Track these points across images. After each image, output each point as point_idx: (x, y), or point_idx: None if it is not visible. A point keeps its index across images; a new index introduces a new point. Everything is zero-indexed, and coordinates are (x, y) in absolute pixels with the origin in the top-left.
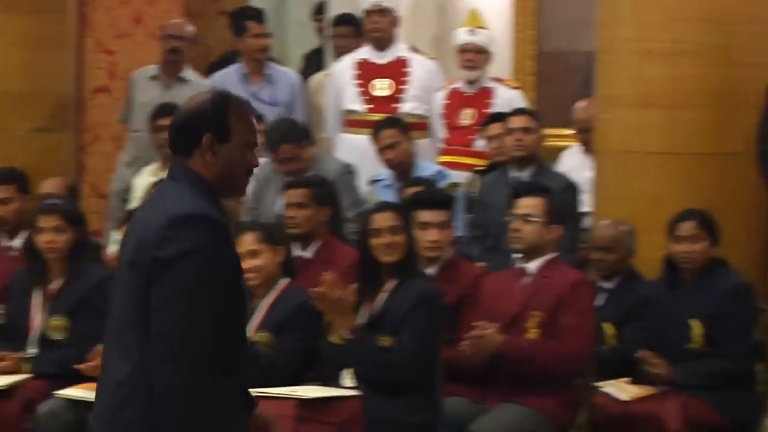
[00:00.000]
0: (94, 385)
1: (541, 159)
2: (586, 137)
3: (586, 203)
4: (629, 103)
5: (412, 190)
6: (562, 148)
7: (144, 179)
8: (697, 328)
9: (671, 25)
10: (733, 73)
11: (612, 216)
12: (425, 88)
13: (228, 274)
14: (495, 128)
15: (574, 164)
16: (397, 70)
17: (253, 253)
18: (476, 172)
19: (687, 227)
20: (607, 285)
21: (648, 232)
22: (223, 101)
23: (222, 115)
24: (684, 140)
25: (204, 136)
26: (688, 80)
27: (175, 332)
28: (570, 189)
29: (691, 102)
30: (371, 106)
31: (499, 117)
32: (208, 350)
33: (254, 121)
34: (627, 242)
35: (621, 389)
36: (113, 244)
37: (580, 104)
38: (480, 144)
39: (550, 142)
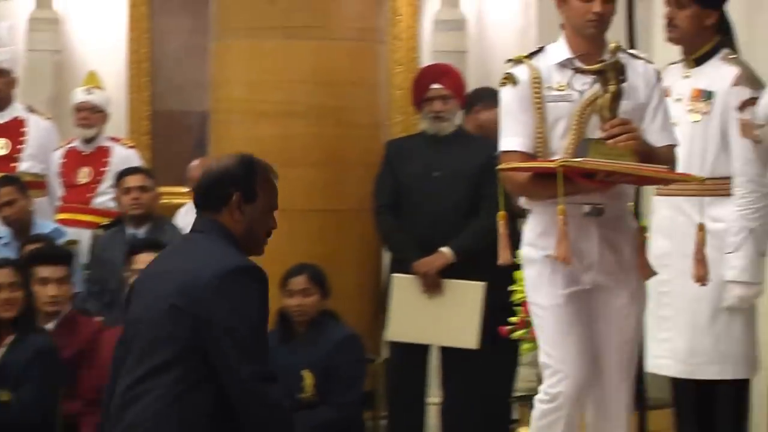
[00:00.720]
0: None
1: (157, 216)
2: None
3: None
4: None
5: (30, 247)
6: (178, 206)
7: None
8: (308, 378)
9: (283, 86)
10: (343, 133)
11: None
12: (42, 147)
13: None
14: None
15: (189, 221)
16: (14, 130)
17: None
18: (102, 227)
19: (298, 281)
20: None
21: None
22: (252, 164)
23: (251, 178)
24: (296, 198)
25: (234, 195)
26: (299, 139)
27: (259, 374)
28: None
29: (302, 161)
30: None
31: (134, 171)
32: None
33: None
34: None
35: None
36: None
37: (194, 163)
38: (99, 201)
39: (166, 200)
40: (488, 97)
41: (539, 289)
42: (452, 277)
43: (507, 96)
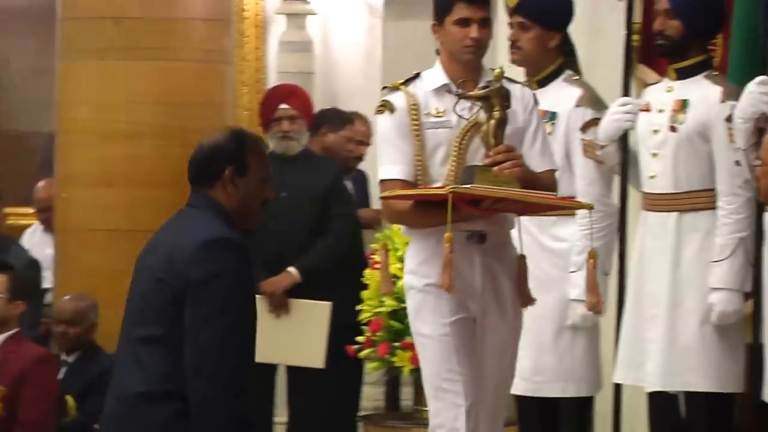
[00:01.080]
0: None
1: (3, 236)
2: (47, 216)
3: (48, 279)
4: (90, 182)
5: None
6: (24, 227)
7: None
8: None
9: (129, 106)
10: (190, 154)
11: (74, 291)
12: None
13: (250, 297)
14: None
15: (36, 242)
16: None
17: None
18: None
19: None
20: (69, 358)
21: (109, 307)
22: (242, 138)
23: (241, 151)
24: (143, 218)
25: (225, 170)
26: (145, 160)
27: (213, 349)
28: (32, 265)
29: (149, 181)
30: None
31: None
32: (237, 368)
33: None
34: (89, 316)
35: None
36: None
37: (41, 184)
38: None
39: (13, 221)
40: (335, 119)
41: (423, 318)
42: (299, 297)
43: (384, 123)
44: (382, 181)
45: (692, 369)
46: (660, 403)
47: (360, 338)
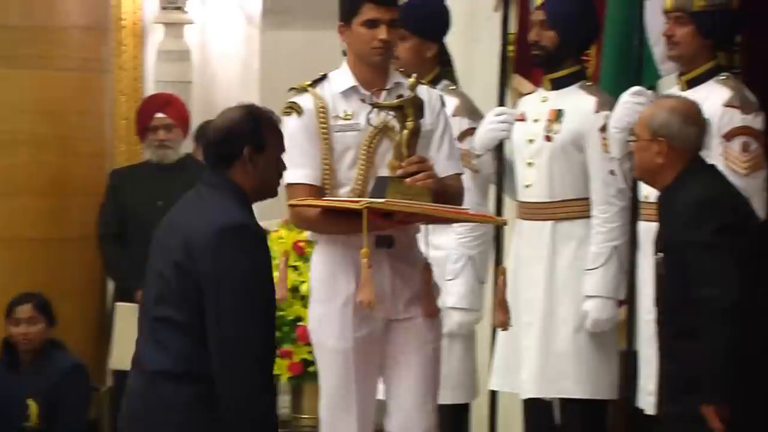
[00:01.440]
0: None
1: None
2: None
3: None
4: None
5: None
6: None
7: None
8: (33, 407)
9: (6, 115)
10: (68, 162)
11: None
12: None
13: (269, 281)
14: None
15: None
16: None
17: None
18: None
19: (23, 310)
20: None
21: None
22: (257, 115)
23: (258, 130)
24: (21, 226)
25: (244, 149)
26: (23, 168)
27: (238, 344)
28: None
29: (27, 189)
30: None
31: None
32: (263, 361)
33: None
34: None
35: None
36: None
37: None
38: None
39: None
40: None
41: (327, 328)
42: None
43: (292, 126)
44: (289, 185)
45: (567, 376)
46: (535, 409)
47: None
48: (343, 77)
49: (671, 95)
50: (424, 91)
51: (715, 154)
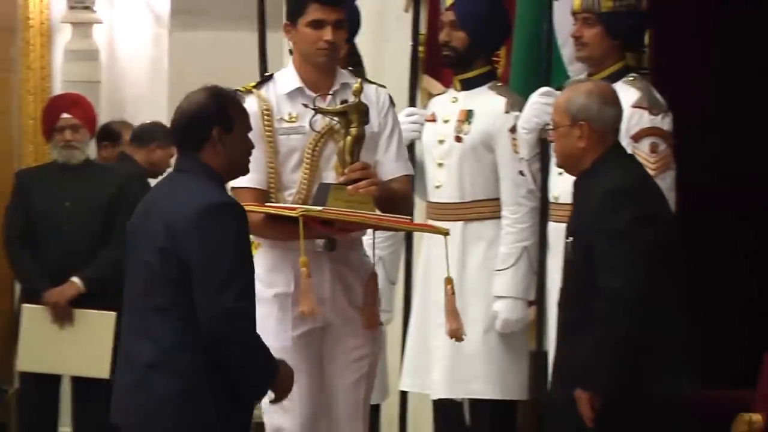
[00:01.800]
0: None
1: None
2: None
3: None
4: None
5: None
6: None
7: None
8: None
9: None
10: None
11: None
12: None
13: (251, 258)
14: None
15: None
16: None
17: None
18: None
19: None
20: None
21: None
22: (222, 96)
23: (224, 109)
24: None
25: (213, 130)
26: None
27: (228, 316)
28: None
29: None
30: None
31: None
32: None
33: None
34: None
35: None
36: None
37: None
38: None
39: None
40: (164, 136)
41: (267, 329)
42: (84, 307)
43: None
44: (233, 189)
45: (476, 376)
46: (445, 410)
47: None
48: (288, 78)
49: (582, 80)
50: (372, 91)
51: None
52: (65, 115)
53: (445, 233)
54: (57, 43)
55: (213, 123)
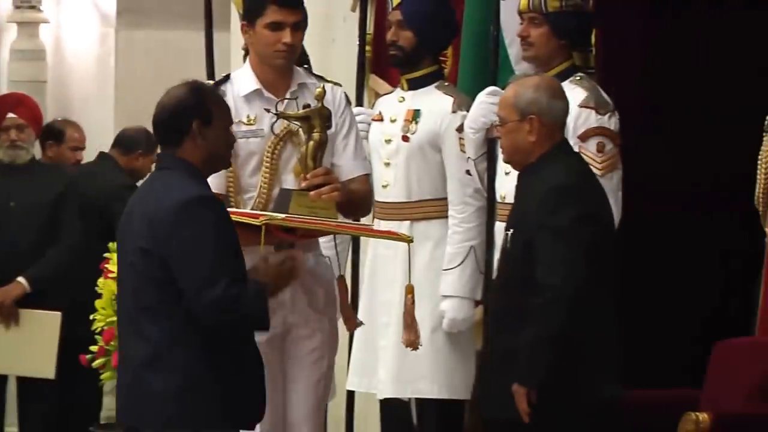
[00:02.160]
0: None
1: None
2: None
3: None
4: None
5: None
6: None
7: None
8: None
9: None
10: None
11: None
12: None
13: (236, 245)
14: None
15: None
16: None
17: None
18: None
19: None
20: None
21: None
22: (200, 90)
23: (203, 102)
24: None
25: (192, 123)
26: None
27: (217, 305)
28: None
29: None
30: None
31: None
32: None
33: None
34: None
35: None
36: None
37: None
38: None
39: None
40: (148, 144)
41: None
42: (29, 307)
43: None
44: None
45: (423, 376)
46: (392, 409)
47: (93, 348)
48: (245, 79)
49: (527, 74)
50: (328, 90)
51: None
52: (11, 115)
53: (409, 241)
54: (2, 42)
55: (192, 116)
